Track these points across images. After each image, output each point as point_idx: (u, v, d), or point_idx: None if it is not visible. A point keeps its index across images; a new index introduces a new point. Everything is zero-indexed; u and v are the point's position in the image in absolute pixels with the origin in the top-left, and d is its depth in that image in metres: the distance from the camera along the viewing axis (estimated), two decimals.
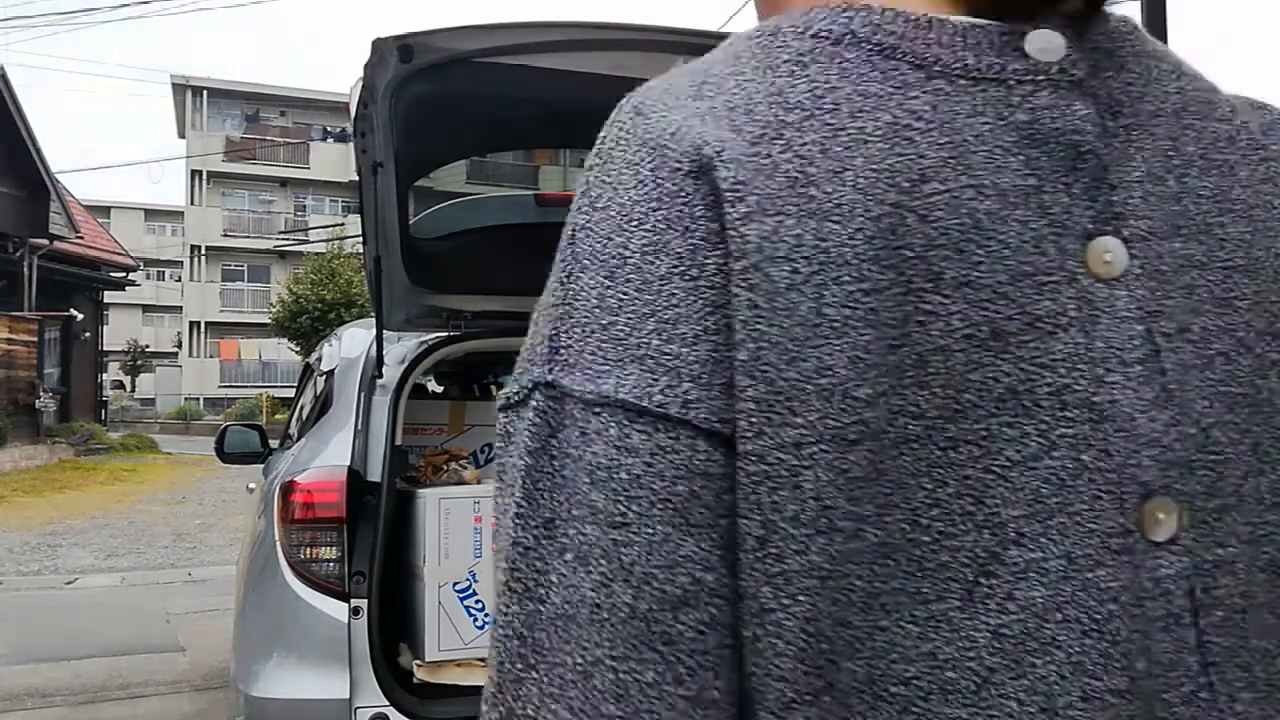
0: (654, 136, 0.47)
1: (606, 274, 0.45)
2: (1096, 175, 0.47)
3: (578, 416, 0.44)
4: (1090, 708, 0.43)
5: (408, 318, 3.02)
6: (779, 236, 0.43)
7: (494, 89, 2.16)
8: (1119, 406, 0.45)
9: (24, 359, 18.75)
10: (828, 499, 0.42)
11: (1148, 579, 0.45)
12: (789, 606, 0.42)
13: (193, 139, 39.18)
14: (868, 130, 0.45)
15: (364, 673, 2.36)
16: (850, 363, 0.42)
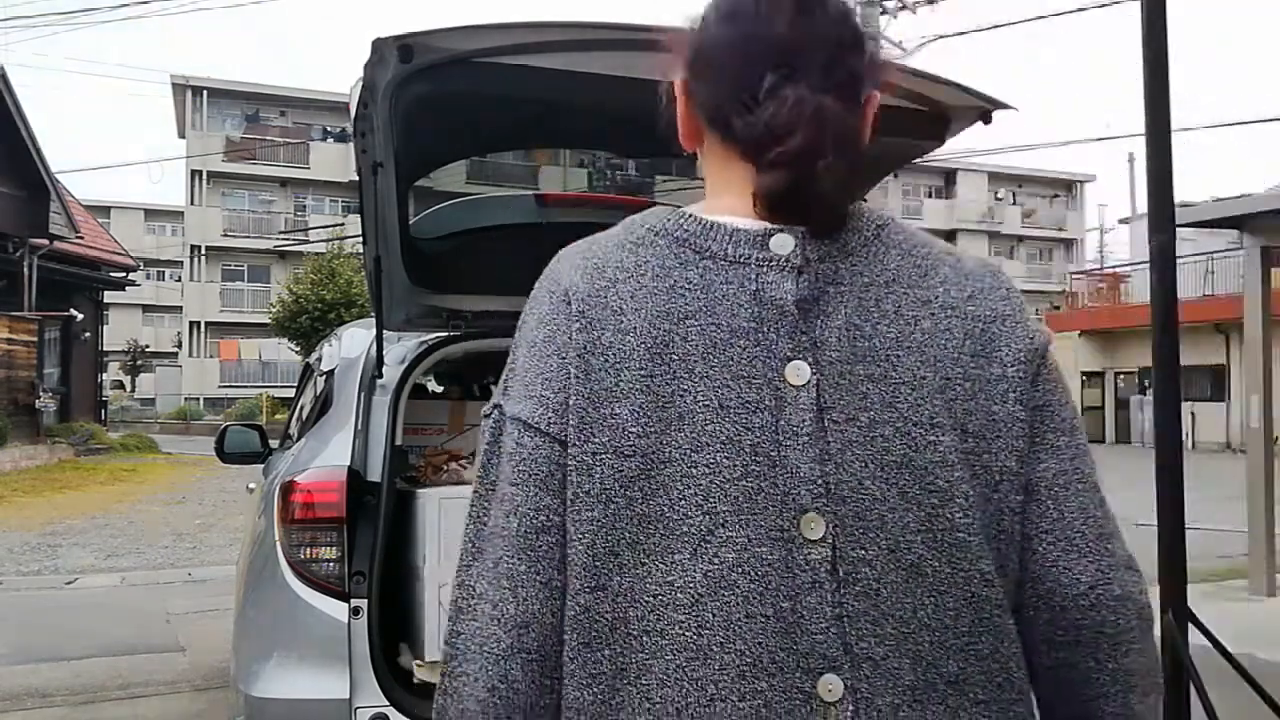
0: (553, 277, 0.93)
1: (525, 349, 0.90)
2: (794, 325, 0.84)
3: (507, 425, 0.88)
4: (751, 622, 0.80)
5: (408, 318, 3.01)
6: (599, 341, 0.85)
7: (494, 89, 2.16)
8: (788, 459, 0.83)
9: (24, 359, 18.75)
10: (606, 484, 0.83)
11: (800, 558, 0.81)
12: (578, 540, 0.83)
13: (193, 139, 39.16)
14: (658, 288, 0.86)
15: (364, 672, 2.36)
16: (630, 413, 0.83)
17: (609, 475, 0.83)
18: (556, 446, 0.85)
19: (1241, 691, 3.48)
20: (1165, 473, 3.42)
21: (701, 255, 0.88)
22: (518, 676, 0.85)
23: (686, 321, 0.85)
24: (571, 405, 0.85)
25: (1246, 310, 7.24)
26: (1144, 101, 3.39)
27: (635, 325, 0.85)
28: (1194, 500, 3.65)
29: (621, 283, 0.88)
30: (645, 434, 0.83)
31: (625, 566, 0.83)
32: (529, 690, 0.85)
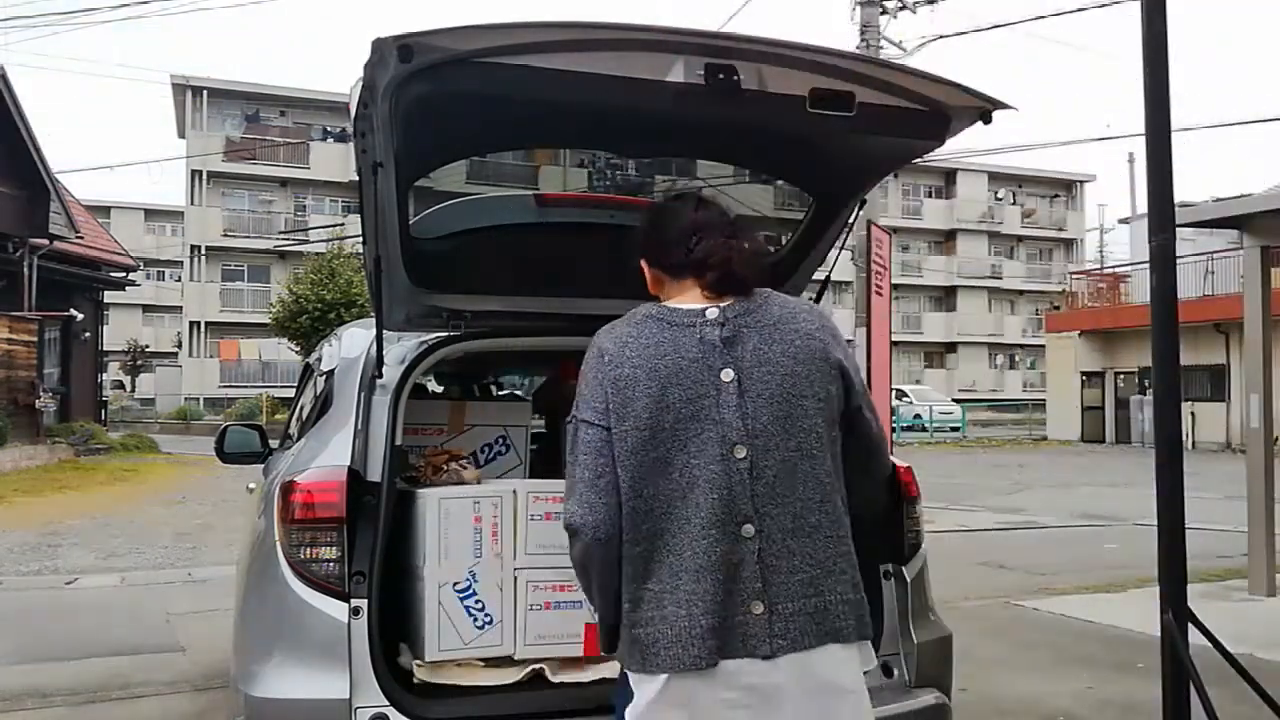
0: (597, 344, 1.92)
1: (583, 383, 1.90)
2: (722, 351, 1.82)
3: (579, 424, 1.88)
4: (708, 500, 1.78)
5: (408, 318, 3.01)
6: (620, 374, 1.83)
7: (494, 89, 2.15)
8: (725, 419, 1.80)
9: (24, 359, 18.74)
10: (635, 444, 1.81)
11: (733, 468, 1.79)
12: (624, 474, 1.82)
13: (193, 139, 39.16)
14: (650, 346, 1.84)
15: (364, 673, 2.36)
16: (643, 407, 1.81)
17: (634, 439, 1.81)
18: (604, 432, 1.83)
19: (1241, 691, 3.48)
20: (1165, 473, 3.42)
21: (670, 324, 1.87)
22: (598, 541, 1.83)
23: (664, 357, 1.83)
24: (610, 408, 1.83)
25: (1246, 310, 7.23)
26: (1144, 101, 3.39)
27: (639, 363, 1.83)
28: (1194, 500, 3.65)
29: (629, 343, 1.87)
30: (650, 417, 1.81)
31: (649, 483, 1.80)
32: (603, 547, 1.84)
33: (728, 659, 1.74)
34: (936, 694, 2.78)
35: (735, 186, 3.37)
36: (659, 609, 1.77)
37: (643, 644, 1.78)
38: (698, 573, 1.76)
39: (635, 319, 1.88)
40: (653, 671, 1.76)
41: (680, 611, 1.75)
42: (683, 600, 1.76)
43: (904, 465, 3.01)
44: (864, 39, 14.22)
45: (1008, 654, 5.51)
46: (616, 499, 1.80)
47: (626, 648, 1.82)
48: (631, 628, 1.80)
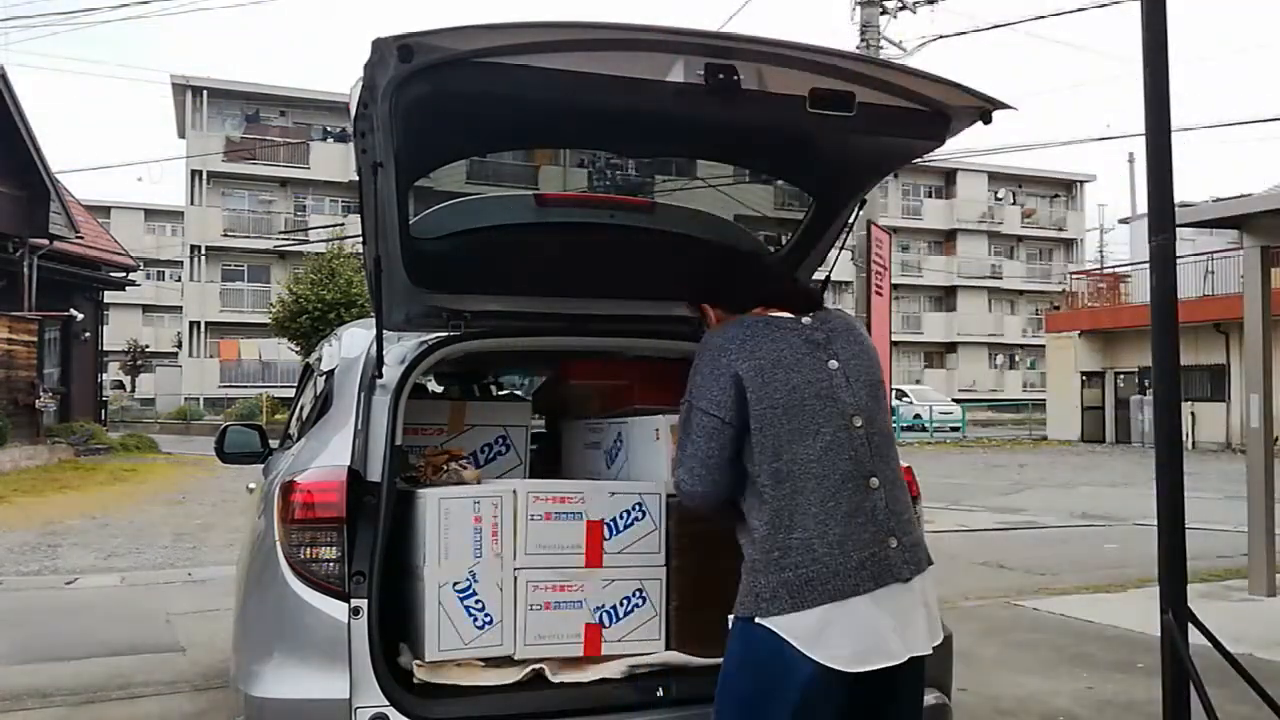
0: (710, 340, 2.33)
1: (703, 373, 2.26)
2: (827, 347, 2.28)
3: (694, 411, 2.25)
4: (839, 462, 2.18)
5: (408, 318, 3.01)
6: (749, 366, 2.22)
7: (494, 89, 2.15)
8: (839, 397, 2.23)
9: (24, 359, 18.74)
10: (774, 419, 2.20)
11: (856, 433, 2.22)
12: (765, 443, 2.19)
13: (193, 139, 39.15)
14: (764, 343, 2.25)
15: (364, 673, 2.36)
16: (776, 389, 2.21)
17: (773, 415, 2.18)
18: (718, 421, 2.20)
19: (1241, 691, 3.48)
20: (1165, 473, 3.42)
21: (779, 328, 2.28)
22: (705, 505, 2.28)
23: (782, 352, 2.23)
24: (729, 400, 2.20)
25: (1246, 310, 7.23)
26: (1144, 101, 3.39)
27: (762, 360, 2.22)
28: (1194, 500, 3.65)
29: (746, 341, 2.24)
30: (784, 396, 2.18)
31: (788, 448, 2.17)
32: (709, 509, 2.29)
33: (880, 586, 2.12)
34: (937, 694, 2.78)
35: (735, 186, 3.38)
36: (809, 553, 2.11)
37: (794, 585, 2.10)
38: (845, 518, 2.13)
39: (744, 324, 2.29)
40: (811, 605, 2.08)
41: (835, 552, 2.11)
42: (834, 542, 2.11)
43: (904, 465, 3.01)
44: (864, 39, 14.22)
45: (1008, 654, 5.51)
46: (724, 476, 2.21)
47: (772, 591, 2.11)
48: (781, 572, 2.11)
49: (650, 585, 2.68)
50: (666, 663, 2.63)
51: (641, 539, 2.68)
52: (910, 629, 2.16)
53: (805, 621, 2.08)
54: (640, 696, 2.53)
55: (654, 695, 2.53)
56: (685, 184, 3.53)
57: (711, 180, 3.35)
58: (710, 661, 2.64)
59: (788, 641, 2.08)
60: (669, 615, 2.71)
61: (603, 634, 2.64)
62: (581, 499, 2.65)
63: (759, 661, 2.12)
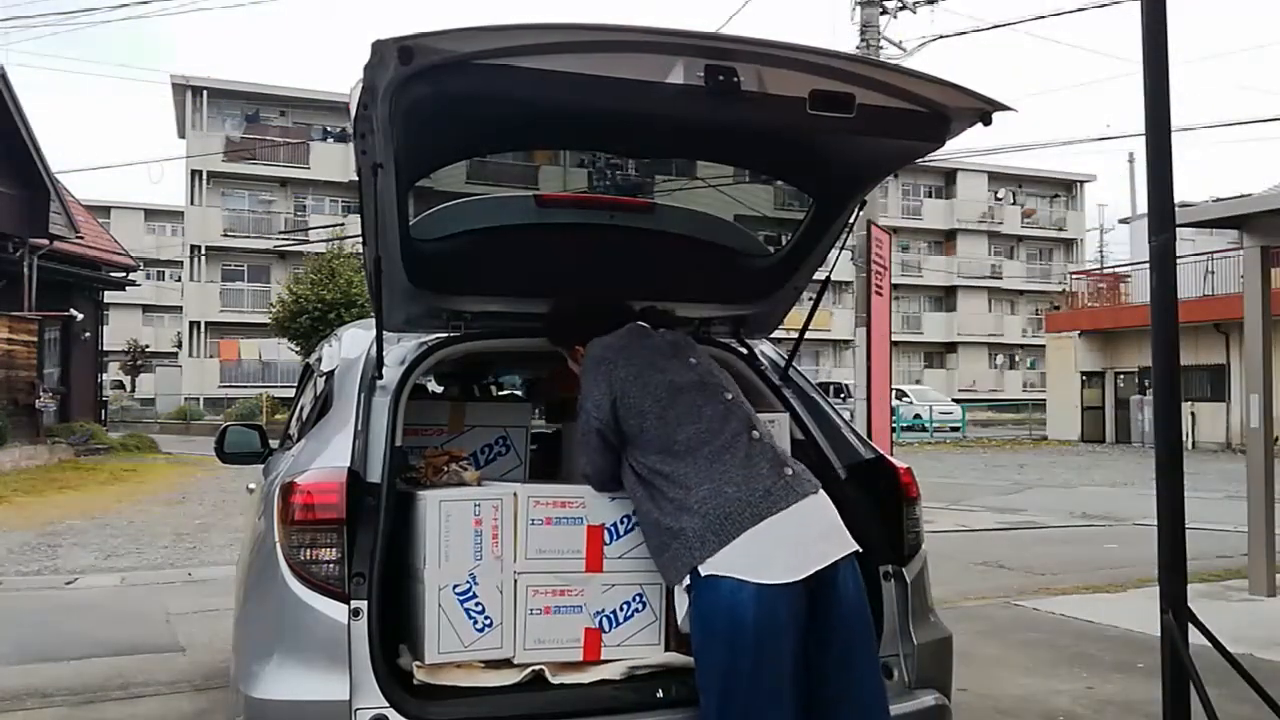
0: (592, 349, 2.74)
1: (589, 374, 2.65)
2: (683, 350, 2.74)
3: (581, 410, 2.64)
4: (728, 423, 2.54)
5: (408, 318, 3.01)
6: (624, 374, 2.61)
7: (494, 90, 2.15)
8: (708, 381, 2.65)
9: (24, 359, 18.74)
10: (660, 413, 2.55)
11: (731, 404, 2.61)
12: (647, 430, 2.55)
13: (193, 139, 39.15)
14: (639, 351, 2.67)
15: (364, 674, 2.36)
16: (662, 389, 2.59)
17: (656, 409, 2.54)
18: (604, 422, 2.57)
19: (1241, 691, 3.48)
20: (1165, 473, 3.42)
21: (648, 335, 2.72)
22: (596, 479, 2.64)
23: (654, 356, 2.65)
24: (624, 398, 2.56)
25: (1246, 310, 7.23)
26: (1144, 101, 3.39)
27: (638, 361, 2.62)
28: (1194, 500, 3.65)
29: (625, 348, 2.66)
30: (665, 390, 2.57)
31: (678, 430, 2.52)
32: (601, 483, 2.64)
33: (791, 504, 2.36)
34: (936, 695, 2.78)
35: (735, 187, 3.38)
36: (719, 496, 2.37)
37: (715, 523, 2.35)
38: (742, 461, 2.44)
39: (621, 334, 2.70)
40: (735, 535, 2.30)
41: (742, 488, 2.38)
42: (739, 481, 2.40)
43: (904, 466, 3.01)
44: (864, 39, 14.22)
45: (1008, 654, 5.51)
46: (606, 463, 2.62)
47: (699, 537, 2.36)
48: (702, 518, 2.37)
49: (650, 590, 2.68)
50: (666, 664, 2.63)
51: (642, 544, 2.67)
52: (832, 534, 2.41)
53: (736, 552, 2.29)
54: (640, 698, 2.53)
55: (654, 697, 2.53)
56: (685, 184, 3.53)
57: (711, 180, 3.35)
58: None
59: (729, 577, 2.27)
60: (669, 620, 2.71)
61: (602, 638, 2.63)
62: (582, 504, 2.65)
63: (710, 611, 2.29)
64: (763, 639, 2.24)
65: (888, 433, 9.72)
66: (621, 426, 2.55)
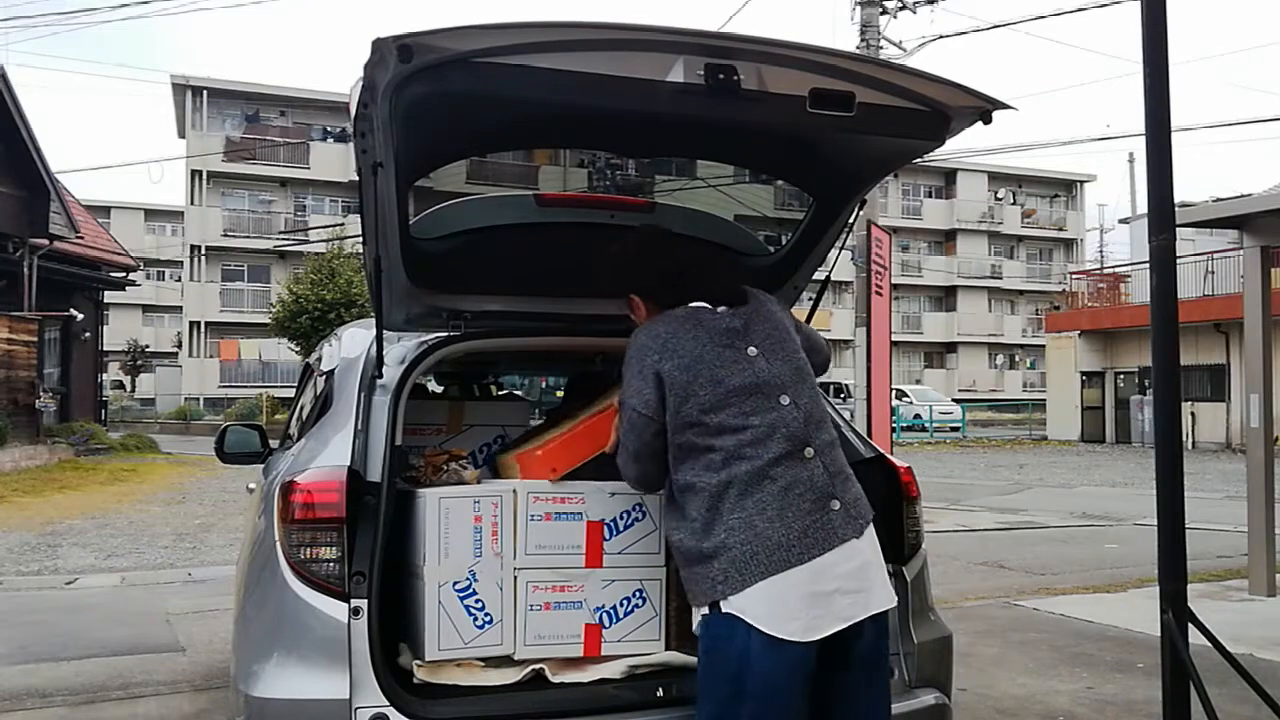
0: (637, 338, 2.45)
1: (633, 367, 2.38)
2: (744, 334, 2.39)
3: (625, 407, 2.40)
4: (775, 439, 2.28)
5: (408, 318, 3.01)
6: (669, 368, 2.33)
7: (494, 89, 2.15)
8: (763, 379, 2.33)
9: (24, 359, 18.74)
10: (704, 417, 2.30)
11: (785, 411, 2.32)
12: (692, 436, 2.33)
13: (193, 139, 39.16)
14: (686, 340, 2.36)
15: (364, 673, 2.36)
16: (707, 390, 2.31)
17: (699, 412, 2.30)
18: (649, 417, 2.35)
19: (1242, 691, 3.48)
20: (1165, 473, 3.42)
21: (698, 322, 2.38)
22: (641, 482, 2.48)
23: (704, 348, 2.33)
24: (670, 394, 2.31)
25: (1246, 310, 7.23)
26: (1144, 101, 3.40)
27: (685, 354, 2.32)
28: (1194, 500, 3.65)
29: (671, 338, 2.36)
30: (709, 391, 2.29)
31: (718, 439, 2.29)
32: (647, 486, 2.49)
33: (825, 552, 2.20)
34: (936, 694, 2.78)
35: (735, 186, 3.38)
36: (750, 529, 2.19)
37: (740, 562, 2.18)
38: (781, 492, 2.22)
39: (667, 320, 2.39)
40: (757, 580, 2.16)
41: (775, 524, 2.19)
42: (773, 516, 2.20)
43: (904, 465, 3.01)
44: (864, 39, 14.22)
45: (1008, 654, 5.51)
46: (654, 465, 2.42)
47: (723, 573, 2.19)
48: (727, 551, 2.20)
49: (650, 586, 2.68)
50: (666, 663, 2.63)
51: (641, 540, 2.68)
52: (864, 588, 2.25)
53: (757, 594, 2.16)
54: (640, 696, 2.53)
55: (654, 695, 2.53)
56: (685, 184, 3.53)
57: (711, 180, 3.35)
58: None
59: (743, 620, 2.16)
60: (669, 616, 2.71)
61: (602, 634, 2.63)
62: (581, 499, 2.65)
63: (721, 648, 2.20)
64: (769, 690, 2.15)
65: (888, 432, 9.72)
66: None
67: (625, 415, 2.37)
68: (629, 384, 2.36)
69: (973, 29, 17.91)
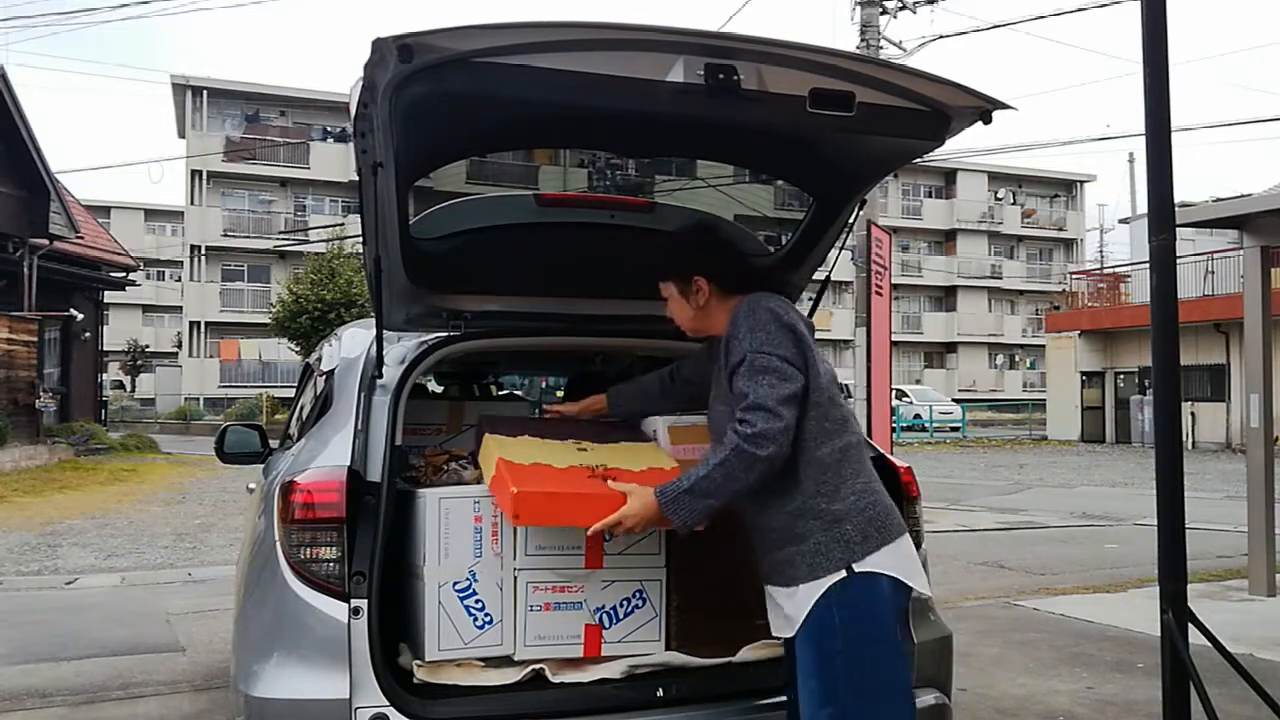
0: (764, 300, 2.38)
1: (770, 324, 2.30)
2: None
3: (770, 357, 2.26)
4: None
5: (408, 318, 3.01)
6: (803, 330, 2.35)
7: (494, 89, 2.15)
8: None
9: (24, 359, 18.74)
10: (828, 384, 2.36)
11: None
12: (819, 400, 2.33)
13: (193, 139, 39.15)
14: (798, 317, 2.38)
15: (364, 673, 2.36)
16: (821, 364, 2.35)
17: (825, 379, 2.32)
18: (795, 370, 2.27)
19: (1242, 691, 3.48)
20: (1165, 473, 3.42)
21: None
22: (783, 438, 2.21)
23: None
24: (809, 354, 2.31)
25: (1246, 310, 7.23)
26: (1144, 101, 3.40)
27: (805, 327, 2.35)
28: (1194, 500, 3.66)
29: (792, 309, 2.35)
30: (823, 366, 2.34)
31: (835, 409, 2.33)
32: (786, 445, 2.22)
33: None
34: (936, 694, 2.78)
35: (735, 186, 3.37)
36: (874, 494, 2.31)
37: (877, 521, 2.28)
38: (871, 468, 2.37)
39: (774, 296, 2.39)
40: (893, 537, 2.29)
41: (883, 495, 2.32)
42: (880, 488, 2.33)
43: (904, 465, 3.01)
44: (864, 39, 14.22)
45: (1008, 654, 5.51)
46: (794, 420, 2.28)
47: (861, 532, 2.25)
48: (863, 512, 2.28)
49: (650, 586, 2.68)
50: (666, 663, 2.63)
51: (641, 540, 2.68)
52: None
53: (889, 553, 2.26)
54: (640, 697, 2.53)
55: (654, 695, 2.53)
56: (685, 184, 3.53)
57: (711, 180, 3.35)
58: (710, 662, 2.64)
59: (887, 575, 2.25)
60: (669, 616, 2.71)
61: (602, 635, 2.63)
62: None
63: (867, 609, 2.23)
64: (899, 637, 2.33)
65: (888, 432, 9.72)
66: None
67: (771, 365, 2.24)
68: (771, 337, 2.27)
69: (973, 29, 17.91)
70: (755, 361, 2.25)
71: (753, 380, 2.23)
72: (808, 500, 2.26)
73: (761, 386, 2.22)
